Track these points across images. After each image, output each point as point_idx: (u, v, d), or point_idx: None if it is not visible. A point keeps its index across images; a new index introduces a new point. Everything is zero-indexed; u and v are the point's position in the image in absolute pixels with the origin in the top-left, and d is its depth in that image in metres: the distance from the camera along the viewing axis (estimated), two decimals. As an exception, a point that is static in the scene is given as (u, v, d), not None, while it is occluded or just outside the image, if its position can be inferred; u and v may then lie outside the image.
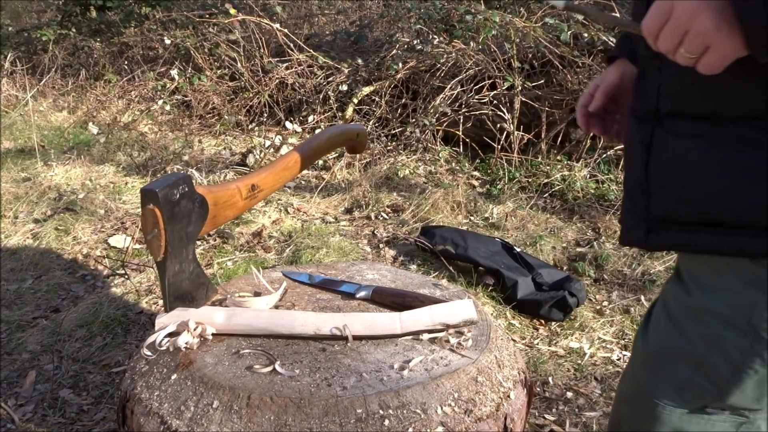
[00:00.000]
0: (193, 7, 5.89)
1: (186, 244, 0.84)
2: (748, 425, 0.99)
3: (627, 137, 1.02)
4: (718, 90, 0.87)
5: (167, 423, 0.71)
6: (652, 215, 0.95)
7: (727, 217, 0.87)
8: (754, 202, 0.84)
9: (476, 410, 0.73)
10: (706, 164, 0.89)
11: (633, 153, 0.98)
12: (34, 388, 2.09)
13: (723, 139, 0.87)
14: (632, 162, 0.99)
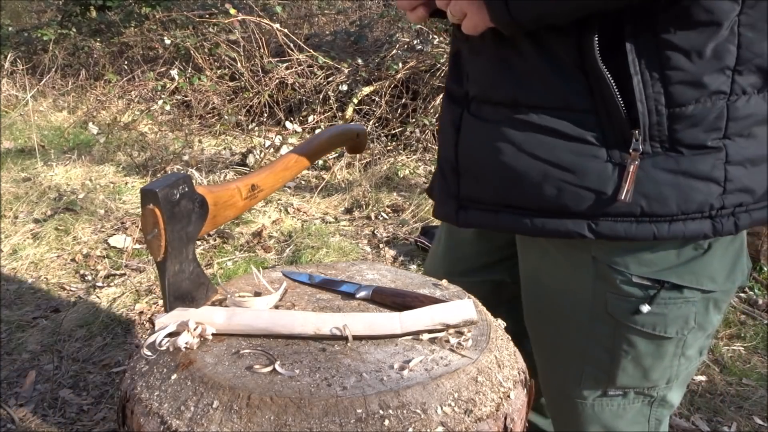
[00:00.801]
0: (193, 7, 5.89)
1: (186, 244, 0.84)
2: (658, 402, 1.08)
3: (441, 116, 1.07)
4: (518, 78, 0.92)
5: (167, 423, 0.71)
6: (461, 194, 1.01)
7: (526, 200, 0.93)
8: (551, 189, 0.91)
9: (476, 410, 0.73)
10: (506, 149, 0.94)
11: (445, 133, 1.04)
12: (34, 388, 2.09)
13: (523, 125, 0.92)
14: (444, 141, 1.04)
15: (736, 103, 0.84)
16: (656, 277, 0.94)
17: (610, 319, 0.99)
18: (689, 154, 0.86)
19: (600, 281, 0.97)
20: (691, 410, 2.04)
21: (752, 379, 2.20)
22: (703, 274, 0.95)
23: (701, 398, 2.10)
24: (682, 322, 0.98)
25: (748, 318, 2.54)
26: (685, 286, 0.95)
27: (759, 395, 2.11)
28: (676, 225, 0.89)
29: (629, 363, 1.02)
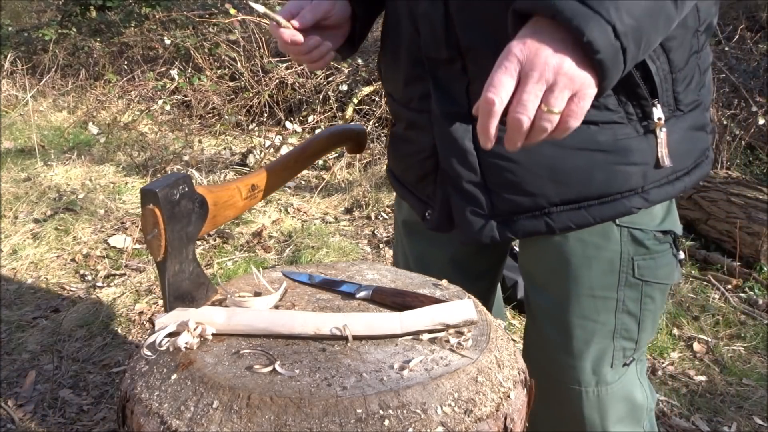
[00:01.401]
0: (193, 7, 5.89)
1: (186, 244, 0.84)
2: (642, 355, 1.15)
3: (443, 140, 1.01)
4: None
5: (167, 423, 0.71)
6: (497, 210, 1.01)
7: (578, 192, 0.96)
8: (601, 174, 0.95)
9: (476, 410, 0.73)
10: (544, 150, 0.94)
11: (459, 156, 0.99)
12: (34, 388, 2.09)
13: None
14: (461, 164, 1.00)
15: (700, 58, 0.96)
16: (662, 228, 1.02)
17: (638, 282, 1.03)
18: (687, 110, 0.97)
19: (628, 245, 1.01)
20: (691, 410, 2.04)
21: (752, 379, 2.20)
22: (676, 218, 1.06)
23: (701, 398, 2.10)
24: (673, 266, 1.07)
25: (748, 318, 2.54)
26: (675, 231, 1.05)
27: (759, 395, 2.11)
28: (693, 174, 1.00)
29: (649, 321, 1.07)
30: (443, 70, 0.98)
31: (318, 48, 1.03)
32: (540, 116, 0.74)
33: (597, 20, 0.70)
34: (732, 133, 3.78)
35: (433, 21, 0.95)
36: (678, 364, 2.28)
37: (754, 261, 2.84)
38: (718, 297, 2.66)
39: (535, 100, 0.73)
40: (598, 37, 0.70)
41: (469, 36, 0.93)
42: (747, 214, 2.89)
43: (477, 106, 0.76)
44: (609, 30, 0.70)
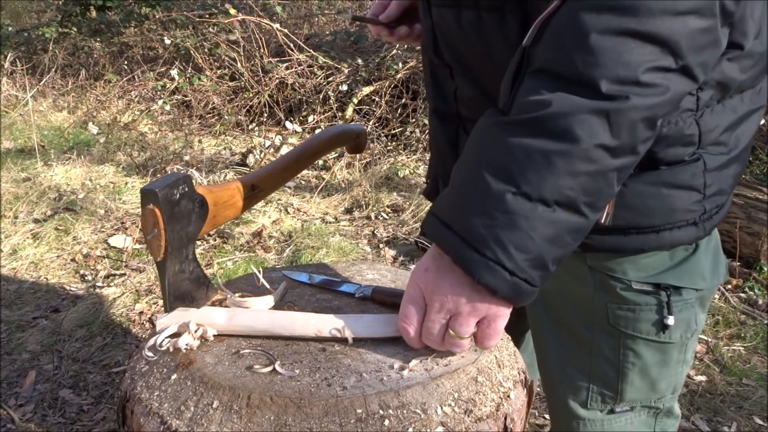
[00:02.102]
0: (193, 7, 5.89)
1: (186, 244, 0.84)
2: (663, 413, 1.06)
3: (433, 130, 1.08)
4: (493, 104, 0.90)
5: (167, 423, 0.71)
6: None
7: None
8: None
9: (476, 410, 0.73)
10: None
11: (442, 148, 1.05)
12: (34, 388, 2.09)
13: None
14: (444, 155, 1.05)
15: (702, 117, 0.86)
16: (655, 280, 0.94)
17: (614, 331, 0.97)
18: (667, 169, 0.87)
19: (600, 291, 0.96)
20: (691, 410, 2.04)
21: (752, 379, 2.20)
22: (696, 273, 0.96)
23: (701, 398, 2.10)
24: (685, 326, 0.98)
25: (748, 318, 2.54)
26: (683, 287, 0.95)
27: (759, 395, 2.11)
28: (663, 234, 0.90)
29: (636, 375, 1.00)
30: (439, 69, 1.02)
31: (410, 35, 1.13)
32: (449, 341, 0.76)
33: (484, 263, 0.69)
34: (732, 133, 3.78)
35: (426, 29, 0.99)
36: (678, 364, 2.28)
37: (754, 261, 2.84)
38: (718, 297, 2.66)
39: (439, 327, 0.75)
40: (491, 280, 0.69)
41: (447, 53, 0.96)
42: (747, 214, 2.89)
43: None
44: (499, 270, 0.69)
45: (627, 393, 1.02)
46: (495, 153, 0.70)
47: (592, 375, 1.02)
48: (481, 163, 0.71)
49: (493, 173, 0.69)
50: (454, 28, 0.91)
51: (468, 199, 0.71)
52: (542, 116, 0.67)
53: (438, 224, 0.72)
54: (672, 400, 1.06)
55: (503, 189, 0.68)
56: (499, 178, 0.69)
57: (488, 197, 0.69)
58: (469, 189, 0.71)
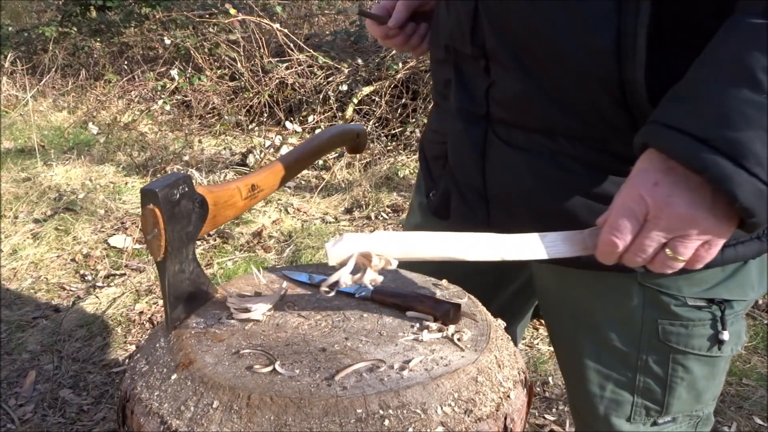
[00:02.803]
0: (193, 7, 5.89)
1: (186, 244, 0.84)
2: (702, 420, 1.03)
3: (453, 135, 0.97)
4: (551, 104, 0.83)
5: (167, 423, 0.71)
6: (492, 222, 0.95)
7: None
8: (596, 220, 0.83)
9: (476, 410, 0.73)
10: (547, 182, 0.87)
11: (464, 156, 0.95)
12: (34, 388, 2.09)
13: (562, 157, 0.86)
14: (465, 165, 0.96)
15: None
16: (708, 295, 0.90)
17: (664, 347, 0.93)
18: None
19: (650, 308, 0.91)
20: (691, 410, 2.04)
21: (752, 379, 2.20)
22: (746, 284, 0.92)
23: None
24: (736, 338, 0.95)
25: (748, 318, 2.54)
26: (735, 300, 0.92)
27: (759, 395, 2.11)
28: (728, 251, 0.86)
29: (684, 389, 0.97)
30: (467, 64, 0.92)
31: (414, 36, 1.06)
32: (663, 260, 0.70)
33: (753, 183, 0.62)
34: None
35: (462, 15, 0.89)
36: (678, 364, 2.28)
37: (754, 261, 2.84)
38: (718, 297, 2.66)
39: (656, 246, 0.69)
40: (755, 203, 0.63)
41: (495, 40, 0.86)
42: (747, 214, 2.89)
43: (598, 245, 0.73)
44: (765, 192, 0.63)
45: (673, 407, 0.98)
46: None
47: (636, 390, 0.98)
48: (756, 69, 0.62)
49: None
50: (519, 6, 0.80)
51: (737, 111, 0.62)
52: None
53: (686, 139, 0.64)
54: (712, 406, 1.03)
55: None
56: None
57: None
58: (737, 99, 0.62)
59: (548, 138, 0.86)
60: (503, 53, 0.85)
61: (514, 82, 0.86)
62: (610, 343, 0.96)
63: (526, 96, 0.85)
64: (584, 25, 0.76)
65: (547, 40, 0.79)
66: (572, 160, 0.85)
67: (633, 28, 0.73)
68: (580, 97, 0.81)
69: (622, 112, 0.78)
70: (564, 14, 0.77)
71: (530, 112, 0.84)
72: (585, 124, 0.83)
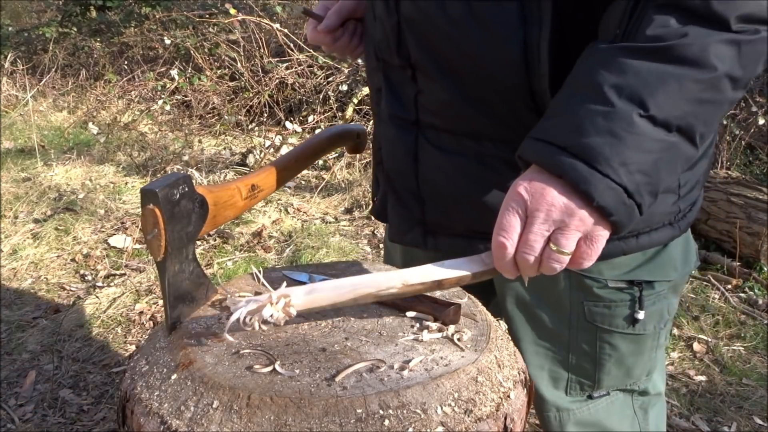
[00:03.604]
0: (193, 7, 5.89)
1: (186, 244, 0.84)
2: (638, 393, 1.11)
3: (386, 141, 1.02)
4: (474, 110, 0.89)
5: (167, 423, 0.71)
6: (427, 220, 1.00)
7: None
8: None
9: (476, 410, 0.73)
10: (476, 182, 0.93)
11: (398, 161, 1.00)
12: (34, 388, 2.09)
13: (489, 158, 0.92)
14: (399, 169, 1.00)
15: None
16: (629, 278, 0.98)
17: (591, 326, 1.01)
18: None
19: (576, 291, 0.99)
20: (691, 410, 2.04)
21: (752, 379, 2.20)
22: (668, 265, 1.00)
23: (701, 398, 2.10)
24: (658, 317, 1.03)
25: (748, 318, 2.54)
26: (656, 281, 0.99)
27: (759, 395, 2.11)
28: (642, 238, 0.94)
29: (612, 365, 1.05)
30: (395, 73, 0.96)
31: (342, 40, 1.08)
32: (549, 256, 0.73)
33: (606, 184, 0.68)
34: (732, 133, 3.78)
35: (387, 29, 0.93)
36: (678, 364, 2.28)
37: (754, 261, 2.84)
38: (718, 297, 2.66)
39: (541, 240, 0.73)
40: (610, 201, 0.69)
41: (419, 52, 0.91)
42: (747, 214, 2.89)
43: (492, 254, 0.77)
44: (620, 192, 0.69)
45: (604, 381, 1.07)
46: (621, 77, 0.70)
47: (570, 366, 1.06)
48: (604, 85, 0.70)
49: (618, 95, 0.69)
50: (437, 23, 0.86)
51: (589, 121, 0.70)
52: (679, 44, 0.69)
53: (549, 148, 0.71)
54: (647, 381, 1.11)
55: (630, 110, 0.69)
56: (626, 99, 0.69)
57: (614, 118, 0.69)
58: (589, 111, 0.70)
59: (475, 141, 0.92)
60: (427, 64, 0.90)
61: (439, 90, 0.91)
62: (544, 325, 1.04)
63: (452, 103, 0.91)
64: (495, 39, 0.82)
65: (465, 53, 0.85)
66: (498, 161, 0.92)
67: (537, 41, 0.80)
68: (498, 103, 0.88)
69: (536, 117, 0.83)
70: (477, 28, 0.83)
71: (456, 117, 0.91)
72: (506, 128, 0.89)
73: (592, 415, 1.09)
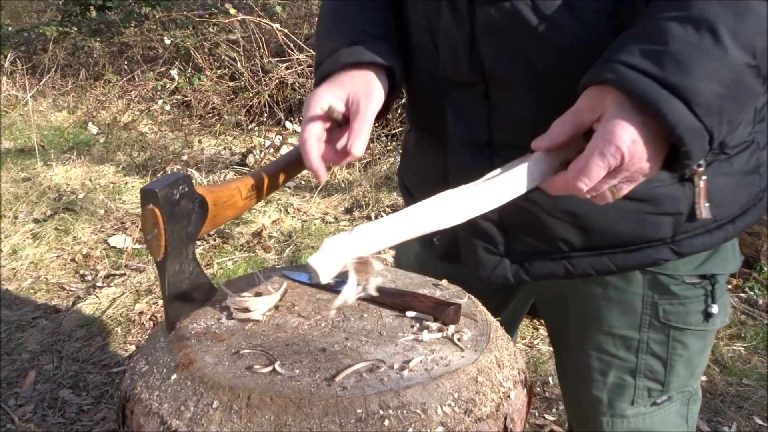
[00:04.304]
0: (193, 7, 5.89)
1: (186, 244, 0.84)
2: (692, 396, 1.08)
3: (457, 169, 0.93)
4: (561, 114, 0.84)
5: (167, 423, 0.71)
6: (512, 249, 0.95)
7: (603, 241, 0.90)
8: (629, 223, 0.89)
9: (476, 410, 0.73)
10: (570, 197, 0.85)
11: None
12: (34, 388, 2.09)
13: None
14: None
15: None
16: (700, 272, 0.95)
17: (664, 327, 0.98)
18: (733, 153, 0.88)
19: (651, 290, 0.96)
20: (691, 410, 2.04)
21: (752, 379, 2.20)
22: (728, 257, 0.98)
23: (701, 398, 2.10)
24: (724, 310, 1.00)
25: (748, 318, 2.54)
26: (719, 273, 0.97)
27: (759, 395, 2.11)
28: (739, 221, 0.92)
29: (682, 366, 1.01)
30: (463, 93, 0.90)
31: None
32: (604, 196, 0.75)
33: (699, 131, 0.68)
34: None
35: (455, 40, 0.87)
36: (678, 364, 2.28)
37: (754, 261, 2.84)
38: (718, 297, 2.66)
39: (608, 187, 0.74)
40: (697, 149, 0.69)
41: (496, 62, 0.84)
42: (747, 214, 2.89)
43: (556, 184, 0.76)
44: (706, 140, 0.69)
45: (672, 384, 1.03)
46: (741, 22, 0.67)
47: (638, 373, 1.02)
48: (720, 26, 0.67)
49: (733, 40, 0.67)
50: (526, 22, 0.80)
51: (699, 61, 0.67)
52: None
53: (647, 81, 0.68)
54: (697, 380, 1.08)
55: (743, 60, 0.67)
56: (741, 47, 0.67)
57: (726, 66, 0.67)
58: (700, 50, 0.67)
59: None
60: (507, 73, 0.85)
61: (519, 102, 0.86)
62: (613, 332, 1.00)
63: (532, 114, 0.84)
64: (590, 29, 0.78)
65: (555, 49, 0.80)
66: None
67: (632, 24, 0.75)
68: None
69: None
70: (570, 19, 0.78)
71: (538, 129, 0.82)
72: None
73: (647, 425, 1.05)
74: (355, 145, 0.84)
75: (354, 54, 0.89)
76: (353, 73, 0.89)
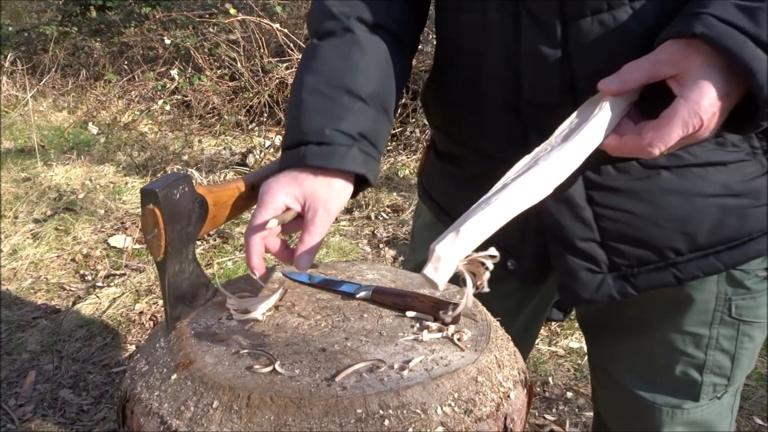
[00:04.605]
0: (193, 7, 5.89)
1: (186, 244, 0.84)
2: (740, 387, 1.08)
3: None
4: None
5: (167, 423, 0.71)
6: (613, 265, 0.93)
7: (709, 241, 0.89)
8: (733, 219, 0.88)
9: (476, 410, 0.73)
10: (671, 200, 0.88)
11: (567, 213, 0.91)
12: (34, 388, 2.09)
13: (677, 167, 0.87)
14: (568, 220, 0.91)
15: None
16: (765, 265, 0.94)
17: (734, 322, 0.98)
18: None
19: (726, 286, 0.95)
20: (691, 410, 2.04)
21: (752, 379, 2.20)
22: None
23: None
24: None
25: (748, 318, 2.53)
26: None
27: (759, 395, 2.11)
28: None
29: (746, 359, 1.02)
30: (549, 116, 0.85)
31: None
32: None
33: None
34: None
35: (548, 62, 0.83)
36: (678, 364, 2.28)
37: (754, 261, 2.84)
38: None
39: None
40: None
41: (591, 77, 0.80)
42: (747, 214, 2.89)
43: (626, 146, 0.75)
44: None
45: (737, 378, 1.03)
46: None
47: (706, 368, 1.01)
48: None
49: None
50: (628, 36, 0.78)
51: None
52: None
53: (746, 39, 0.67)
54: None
55: None
56: None
57: None
58: None
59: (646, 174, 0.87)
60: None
61: None
62: (683, 329, 0.99)
63: None
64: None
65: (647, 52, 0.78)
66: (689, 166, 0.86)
67: None
68: None
69: None
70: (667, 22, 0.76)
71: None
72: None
73: (704, 415, 1.04)
74: (301, 259, 0.82)
75: (321, 157, 0.84)
76: (317, 176, 0.85)
